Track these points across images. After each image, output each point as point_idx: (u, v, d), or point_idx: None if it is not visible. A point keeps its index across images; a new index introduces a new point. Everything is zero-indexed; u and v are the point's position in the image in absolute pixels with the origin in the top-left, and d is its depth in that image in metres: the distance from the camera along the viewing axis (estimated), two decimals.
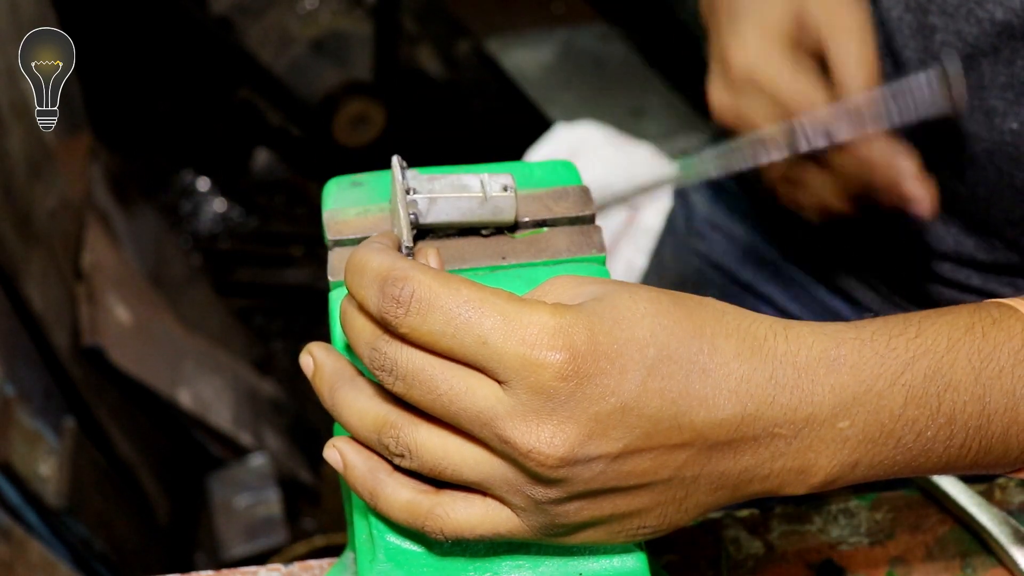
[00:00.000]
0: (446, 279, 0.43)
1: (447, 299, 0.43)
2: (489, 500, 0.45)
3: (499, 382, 0.43)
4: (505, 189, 0.52)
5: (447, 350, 0.43)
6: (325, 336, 0.52)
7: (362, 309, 0.45)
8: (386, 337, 0.44)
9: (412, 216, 0.52)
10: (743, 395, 0.44)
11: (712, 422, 0.43)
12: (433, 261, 0.50)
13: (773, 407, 0.44)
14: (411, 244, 0.50)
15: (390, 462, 0.46)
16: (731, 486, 0.45)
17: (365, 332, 0.45)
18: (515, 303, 0.43)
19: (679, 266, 1.04)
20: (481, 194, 0.52)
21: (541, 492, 0.43)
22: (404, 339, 0.44)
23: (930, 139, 0.71)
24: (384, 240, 0.49)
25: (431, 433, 0.44)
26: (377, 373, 0.44)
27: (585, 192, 0.55)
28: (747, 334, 0.45)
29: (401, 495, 0.45)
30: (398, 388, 0.44)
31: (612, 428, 0.43)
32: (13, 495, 1.32)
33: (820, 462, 0.45)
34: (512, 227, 0.54)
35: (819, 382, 0.45)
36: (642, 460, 0.43)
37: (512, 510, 0.45)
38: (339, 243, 0.53)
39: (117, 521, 1.55)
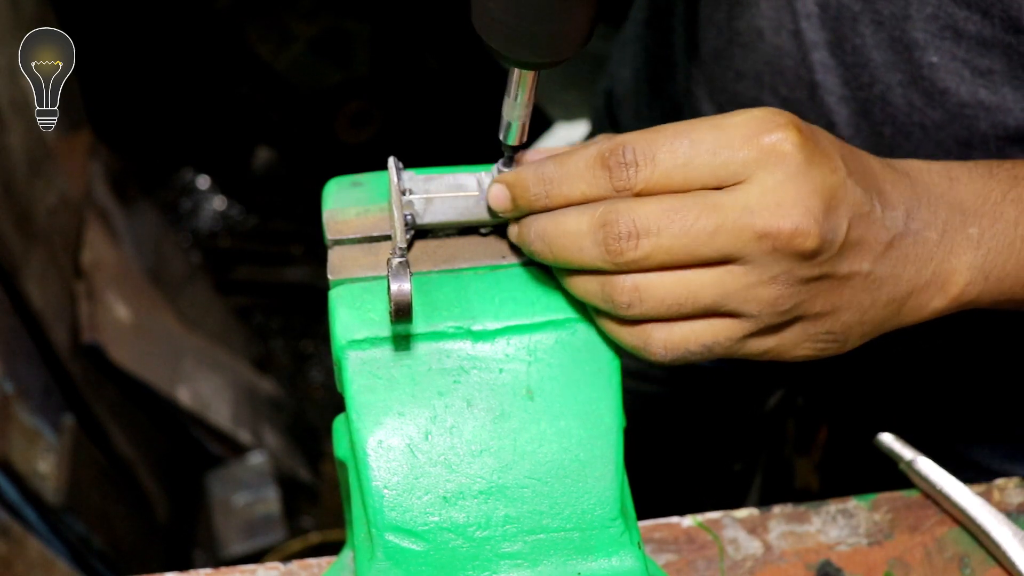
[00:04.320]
0: (646, 131, 0.47)
1: (662, 141, 0.46)
2: (712, 319, 0.48)
3: (739, 184, 0.46)
4: None
5: (683, 182, 0.46)
6: (324, 334, 0.52)
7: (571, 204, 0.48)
8: (617, 204, 0.47)
9: (408, 217, 0.52)
10: (903, 192, 0.49)
11: (890, 215, 0.49)
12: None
13: (920, 207, 0.50)
14: (404, 245, 0.50)
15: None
16: (899, 301, 0.50)
17: (586, 214, 0.47)
18: (713, 118, 0.47)
19: None
20: (478, 193, 0.52)
21: (805, 270, 0.47)
22: (638, 195, 0.47)
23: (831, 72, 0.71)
24: (541, 153, 0.53)
25: (663, 276, 0.47)
26: (617, 244, 0.46)
27: None
28: (878, 160, 0.51)
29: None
30: (644, 247, 0.46)
31: (840, 203, 0.47)
32: (12, 492, 1.32)
33: (959, 268, 0.51)
34: None
35: (944, 194, 0.51)
36: (860, 235, 0.48)
37: (740, 320, 0.48)
38: (339, 243, 0.53)
39: (116, 519, 1.55)
